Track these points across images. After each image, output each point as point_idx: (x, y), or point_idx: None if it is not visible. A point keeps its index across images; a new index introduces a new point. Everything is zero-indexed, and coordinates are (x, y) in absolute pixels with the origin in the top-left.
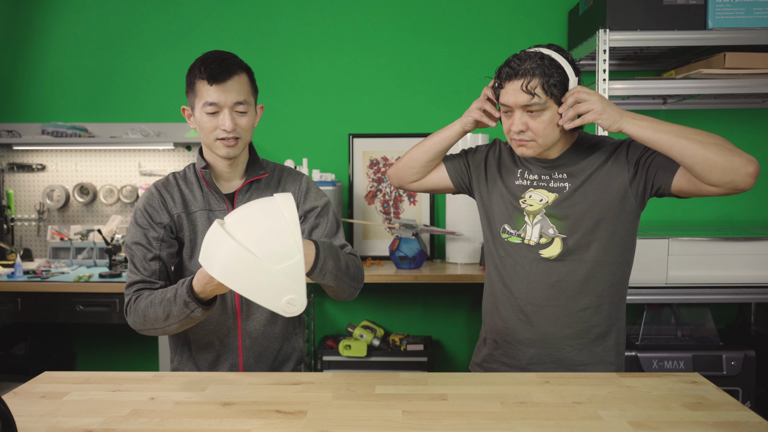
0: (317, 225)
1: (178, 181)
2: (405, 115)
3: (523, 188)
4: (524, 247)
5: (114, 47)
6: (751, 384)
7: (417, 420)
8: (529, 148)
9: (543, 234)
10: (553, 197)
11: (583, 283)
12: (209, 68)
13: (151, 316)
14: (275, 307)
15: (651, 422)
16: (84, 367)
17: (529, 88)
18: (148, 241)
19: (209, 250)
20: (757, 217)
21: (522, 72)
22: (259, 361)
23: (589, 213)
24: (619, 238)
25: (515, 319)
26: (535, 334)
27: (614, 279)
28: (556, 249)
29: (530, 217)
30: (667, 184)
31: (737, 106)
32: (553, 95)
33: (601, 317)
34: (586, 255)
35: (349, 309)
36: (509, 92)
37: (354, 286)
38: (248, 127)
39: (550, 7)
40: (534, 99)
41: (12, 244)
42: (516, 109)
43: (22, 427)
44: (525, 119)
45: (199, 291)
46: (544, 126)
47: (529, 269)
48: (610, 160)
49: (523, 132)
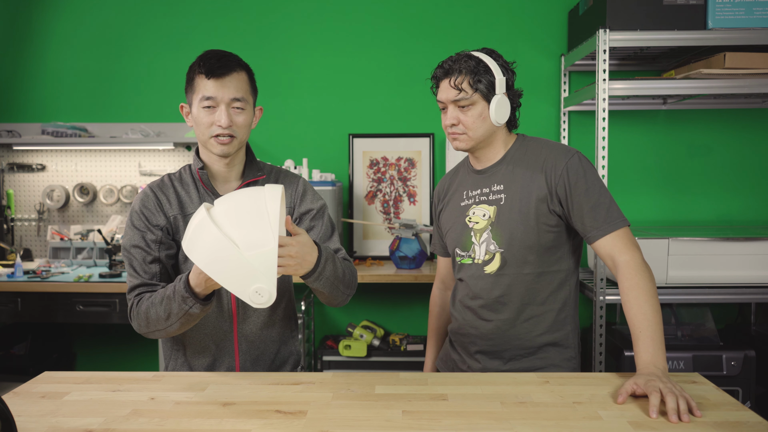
0: (312, 227)
1: (173, 182)
2: (405, 115)
3: (467, 207)
4: (474, 266)
5: (114, 47)
6: (751, 384)
7: (417, 420)
8: (462, 141)
9: (488, 251)
10: (492, 210)
11: (523, 295)
12: (208, 63)
13: (152, 316)
14: (242, 295)
15: (651, 422)
16: (84, 367)
17: (457, 83)
18: (146, 244)
19: (192, 234)
20: (757, 217)
21: (451, 70)
22: (255, 365)
23: (522, 224)
24: (557, 247)
25: (468, 324)
26: (485, 341)
27: (553, 287)
28: (495, 264)
29: (477, 236)
30: (587, 238)
31: (737, 106)
32: (479, 90)
33: (545, 326)
34: (523, 267)
35: (349, 309)
36: (442, 89)
37: (347, 293)
38: (244, 126)
39: (550, 7)
40: (461, 94)
41: (12, 244)
42: (448, 104)
43: (22, 427)
44: (456, 114)
45: (195, 285)
46: (473, 120)
47: (477, 286)
48: (542, 169)
49: (455, 125)
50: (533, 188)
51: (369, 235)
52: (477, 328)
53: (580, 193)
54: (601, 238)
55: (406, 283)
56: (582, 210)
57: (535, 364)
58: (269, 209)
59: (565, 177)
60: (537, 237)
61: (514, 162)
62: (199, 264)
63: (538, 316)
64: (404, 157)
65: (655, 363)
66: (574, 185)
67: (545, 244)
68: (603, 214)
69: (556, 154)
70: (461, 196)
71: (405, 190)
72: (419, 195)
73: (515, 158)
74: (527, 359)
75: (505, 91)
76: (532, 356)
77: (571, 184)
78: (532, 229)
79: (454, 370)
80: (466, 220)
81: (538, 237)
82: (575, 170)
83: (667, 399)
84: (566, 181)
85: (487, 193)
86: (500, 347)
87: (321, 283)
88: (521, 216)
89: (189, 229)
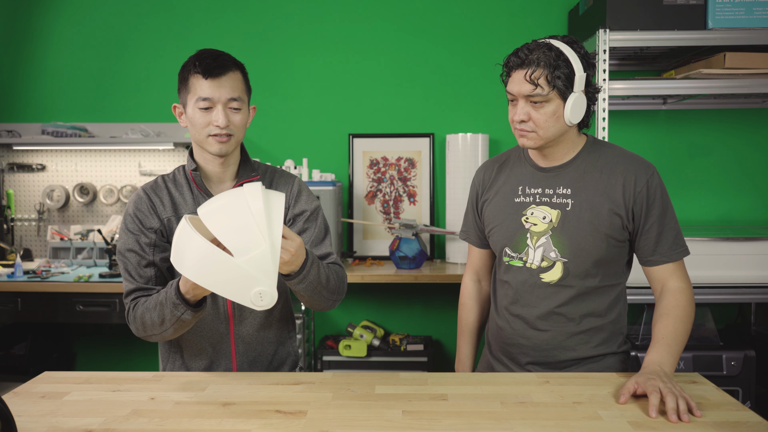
0: (305, 230)
1: (167, 183)
2: (405, 115)
3: (524, 205)
4: (525, 270)
5: (114, 47)
6: (751, 384)
7: (417, 420)
8: (530, 139)
9: (545, 257)
10: (555, 215)
11: (583, 307)
12: (204, 63)
13: (148, 321)
14: (245, 301)
15: (651, 422)
16: (84, 367)
17: (533, 78)
18: (141, 248)
19: (178, 247)
20: (758, 217)
21: (528, 62)
22: (252, 367)
23: (591, 236)
24: (620, 259)
25: (518, 335)
26: (536, 351)
27: (614, 300)
28: (557, 273)
29: (533, 239)
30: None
31: (737, 106)
32: (557, 87)
33: (602, 337)
34: (587, 280)
35: (349, 309)
36: (514, 81)
37: (332, 299)
38: (241, 125)
39: (550, 7)
40: (537, 90)
41: (12, 244)
42: (520, 98)
43: (22, 427)
44: (528, 109)
45: (185, 291)
46: (546, 118)
47: (530, 293)
48: (617, 184)
49: (524, 122)
50: (606, 199)
51: (369, 235)
52: (529, 339)
53: (655, 215)
54: (662, 264)
55: (406, 283)
56: (651, 233)
57: (593, 368)
58: (253, 209)
59: (644, 195)
60: (605, 251)
61: (585, 166)
62: (191, 278)
63: (596, 328)
64: (404, 157)
65: (661, 363)
66: (651, 205)
67: (610, 258)
68: (671, 240)
69: (637, 168)
70: (515, 191)
71: (405, 190)
72: (419, 195)
73: (587, 162)
74: (585, 366)
75: (584, 88)
76: (590, 363)
77: (649, 204)
78: (602, 241)
79: None
80: (523, 220)
81: (605, 251)
82: (654, 190)
83: (667, 399)
84: (644, 199)
85: (551, 195)
86: (554, 358)
87: (303, 286)
88: (591, 227)
89: (174, 243)
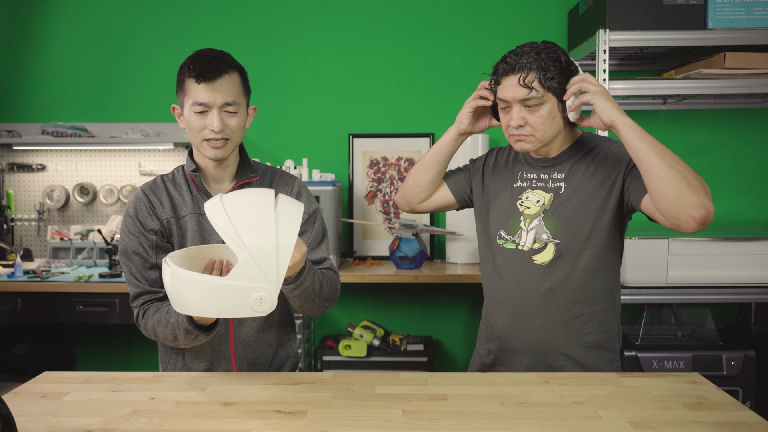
0: (303, 232)
1: (166, 184)
2: (405, 115)
3: (520, 190)
4: (518, 252)
5: (114, 47)
6: (751, 384)
7: (417, 420)
8: (528, 142)
9: (537, 239)
10: (548, 198)
11: (576, 291)
12: (198, 66)
13: (161, 335)
14: (246, 311)
15: (651, 422)
16: (84, 367)
17: (527, 81)
18: (144, 250)
19: (174, 292)
20: (757, 217)
21: (519, 66)
22: (252, 369)
23: (583, 217)
24: (612, 244)
25: (509, 326)
26: (528, 342)
27: (606, 286)
28: (548, 254)
29: (526, 222)
30: (637, 201)
31: (737, 106)
32: (551, 88)
33: (594, 325)
34: (579, 262)
35: (349, 309)
36: (506, 87)
37: (324, 306)
38: (238, 129)
39: (550, 7)
40: (532, 93)
41: (12, 244)
42: (514, 104)
43: (22, 427)
44: (523, 114)
45: (197, 318)
46: (542, 120)
47: (521, 276)
48: (605, 162)
49: (521, 127)
50: (595, 181)
51: (369, 235)
52: (522, 337)
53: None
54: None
55: (406, 283)
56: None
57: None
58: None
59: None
60: (593, 231)
61: (578, 154)
62: (199, 314)
63: (589, 315)
64: (404, 157)
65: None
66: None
67: (600, 240)
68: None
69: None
70: (515, 176)
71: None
72: None
73: (580, 150)
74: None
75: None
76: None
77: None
78: (590, 222)
79: None
80: (518, 204)
81: (594, 231)
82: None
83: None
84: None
85: (546, 180)
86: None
87: (298, 292)
88: (583, 207)
89: (168, 290)
